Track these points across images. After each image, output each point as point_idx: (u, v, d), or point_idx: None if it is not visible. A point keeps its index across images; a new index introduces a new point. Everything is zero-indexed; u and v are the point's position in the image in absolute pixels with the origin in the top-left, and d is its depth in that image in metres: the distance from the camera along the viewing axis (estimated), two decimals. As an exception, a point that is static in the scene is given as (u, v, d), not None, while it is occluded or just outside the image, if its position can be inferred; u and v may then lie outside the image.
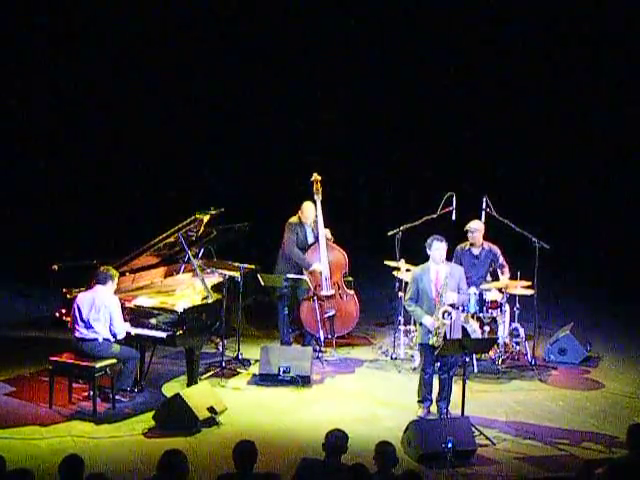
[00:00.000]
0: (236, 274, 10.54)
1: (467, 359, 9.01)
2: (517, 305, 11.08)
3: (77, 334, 9.41)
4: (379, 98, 16.26)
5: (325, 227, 11.24)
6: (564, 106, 15.96)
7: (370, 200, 16.33)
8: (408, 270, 10.59)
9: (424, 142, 16.14)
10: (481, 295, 10.68)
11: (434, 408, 9.42)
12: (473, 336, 10.40)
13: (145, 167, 15.76)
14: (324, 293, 11.20)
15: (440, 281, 9.16)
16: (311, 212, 11.20)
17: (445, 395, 9.33)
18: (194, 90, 16.04)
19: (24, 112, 15.51)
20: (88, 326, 9.35)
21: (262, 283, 10.85)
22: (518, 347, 11.12)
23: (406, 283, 10.07)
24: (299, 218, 11.26)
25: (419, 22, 15.97)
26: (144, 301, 9.88)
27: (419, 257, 9.60)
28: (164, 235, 10.09)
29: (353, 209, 15.70)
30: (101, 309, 9.33)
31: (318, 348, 11.09)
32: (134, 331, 9.61)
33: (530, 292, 10.86)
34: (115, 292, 9.76)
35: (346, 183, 15.48)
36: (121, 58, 15.79)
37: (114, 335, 9.43)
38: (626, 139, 15.83)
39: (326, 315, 11.18)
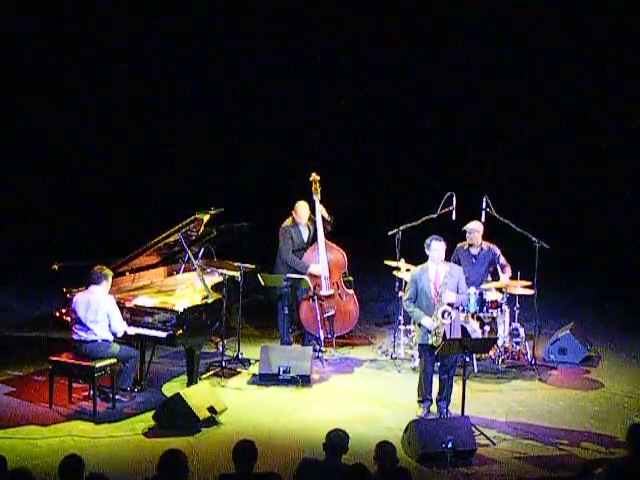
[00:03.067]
0: (236, 274, 10.54)
1: (467, 359, 9.01)
2: (517, 305, 11.07)
3: (75, 336, 9.40)
4: (378, 98, 16.25)
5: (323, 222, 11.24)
6: (564, 105, 15.95)
7: (370, 200, 16.33)
8: (408, 270, 10.58)
9: (423, 142, 16.14)
10: (481, 295, 10.68)
11: (434, 408, 9.42)
12: (473, 336, 10.40)
13: (145, 167, 15.75)
14: (324, 293, 11.19)
15: (439, 281, 9.17)
16: (305, 211, 11.18)
17: (445, 395, 9.34)
18: (194, 90, 16.04)
19: (23, 112, 15.51)
20: (86, 328, 9.33)
21: (262, 283, 10.85)
22: (518, 347, 11.12)
23: (406, 283, 10.07)
24: (292, 219, 11.24)
25: (419, 21, 15.98)
26: (144, 301, 9.88)
27: (419, 257, 9.59)
28: (164, 235, 10.10)
29: (353, 209, 15.68)
30: (98, 311, 9.31)
31: (318, 348, 11.09)
32: (134, 331, 9.60)
33: (530, 292, 10.86)
34: (115, 292, 9.77)
35: (346, 182, 15.49)
36: (119, 56, 15.79)
37: (114, 334, 9.44)
38: (626, 138, 15.83)
39: (326, 315, 11.18)
